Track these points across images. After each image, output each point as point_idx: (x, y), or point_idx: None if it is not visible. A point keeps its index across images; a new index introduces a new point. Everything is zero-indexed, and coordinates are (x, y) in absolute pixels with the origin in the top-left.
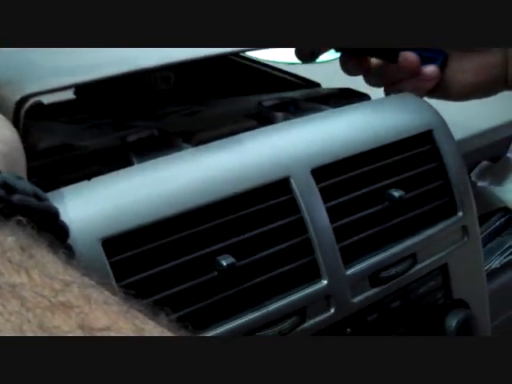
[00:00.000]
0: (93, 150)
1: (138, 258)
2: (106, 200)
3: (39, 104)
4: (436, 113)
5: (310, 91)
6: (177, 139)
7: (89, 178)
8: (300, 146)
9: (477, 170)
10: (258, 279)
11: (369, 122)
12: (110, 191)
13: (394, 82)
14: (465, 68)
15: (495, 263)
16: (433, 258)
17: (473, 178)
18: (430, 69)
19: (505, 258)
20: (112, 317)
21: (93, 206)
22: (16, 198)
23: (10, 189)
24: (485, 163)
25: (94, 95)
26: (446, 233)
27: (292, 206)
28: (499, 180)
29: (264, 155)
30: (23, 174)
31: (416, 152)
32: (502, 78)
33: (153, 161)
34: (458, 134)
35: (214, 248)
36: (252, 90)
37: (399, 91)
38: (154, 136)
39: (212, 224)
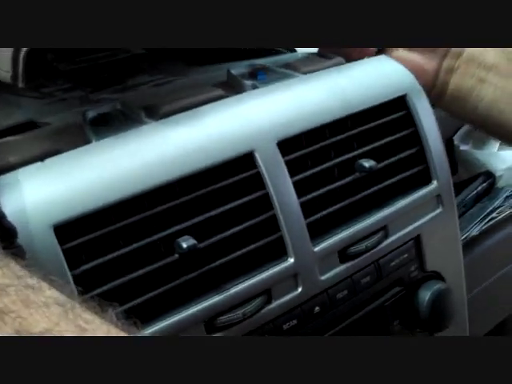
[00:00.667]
0: (53, 127)
1: (94, 243)
2: (59, 183)
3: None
4: (410, 76)
5: (284, 57)
6: (139, 113)
7: (42, 159)
8: (265, 118)
9: (460, 133)
10: (222, 260)
11: (339, 88)
12: (63, 173)
13: None
14: (399, 61)
15: (474, 231)
16: (405, 230)
17: (455, 142)
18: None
19: (484, 225)
20: (52, 319)
21: (44, 189)
22: None
23: None
24: (468, 126)
25: (70, 61)
26: (419, 203)
27: (257, 181)
28: (482, 143)
29: (227, 128)
30: None
31: (389, 119)
32: (429, 86)
33: (110, 138)
34: None
35: (174, 230)
36: (228, 56)
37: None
38: (116, 110)
39: (172, 204)
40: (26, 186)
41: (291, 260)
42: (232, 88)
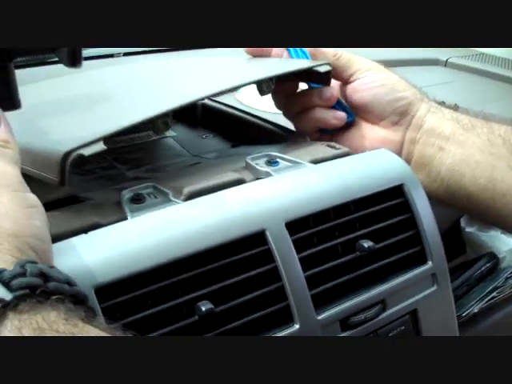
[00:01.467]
0: (94, 203)
1: (127, 303)
2: (100, 252)
3: (81, 156)
4: (407, 168)
5: (295, 144)
6: (168, 194)
7: (86, 232)
8: (276, 202)
9: (466, 216)
10: (235, 323)
11: (343, 178)
12: (104, 244)
13: (306, 108)
14: (367, 135)
15: (475, 308)
16: (402, 305)
17: (462, 224)
18: (342, 113)
19: (485, 303)
20: None
21: (88, 256)
22: (51, 285)
23: (45, 277)
24: None
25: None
26: (415, 280)
27: (267, 256)
28: (486, 226)
29: (243, 210)
30: (51, 261)
31: (387, 205)
32: None
33: (143, 216)
34: None
35: (194, 295)
36: (245, 140)
37: (309, 122)
38: (149, 190)
39: (194, 273)
40: (73, 253)
41: (297, 326)
42: (249, 173)
